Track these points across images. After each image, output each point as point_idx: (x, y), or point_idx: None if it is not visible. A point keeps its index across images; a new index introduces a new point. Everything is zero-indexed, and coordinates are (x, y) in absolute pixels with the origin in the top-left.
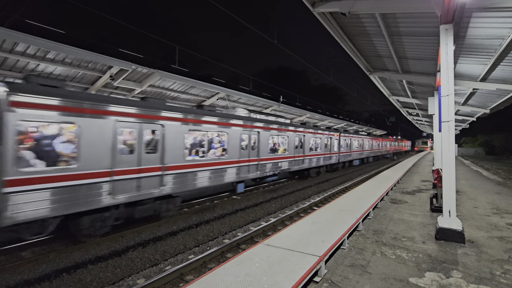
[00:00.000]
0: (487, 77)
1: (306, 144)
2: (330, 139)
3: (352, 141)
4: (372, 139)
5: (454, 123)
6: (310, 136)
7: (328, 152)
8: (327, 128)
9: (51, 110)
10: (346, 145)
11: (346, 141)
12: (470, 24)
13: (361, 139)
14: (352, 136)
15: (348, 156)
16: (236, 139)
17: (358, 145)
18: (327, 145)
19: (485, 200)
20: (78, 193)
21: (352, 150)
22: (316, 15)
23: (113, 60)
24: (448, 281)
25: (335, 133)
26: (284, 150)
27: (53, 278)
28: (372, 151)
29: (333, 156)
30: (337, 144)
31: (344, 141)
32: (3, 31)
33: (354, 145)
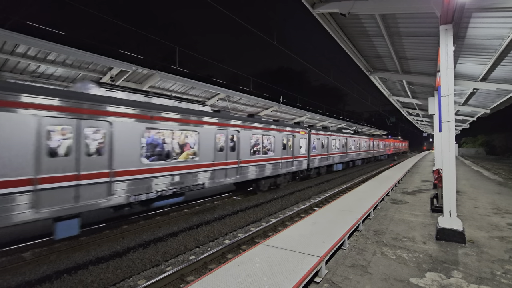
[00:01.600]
0: (487, 77)
1: (243, 144)
2: (293, 137)
3: (331, 141)
4: (361, 138)
5: (454, 123)
6: (251, 133)
7: (288, 156)
8: (291, 124)
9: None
10: (320, 146)
11: (322, 141)
12: (469, 24)
13: (345, 139)
14: (330, 134)
15: (324, 160)
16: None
17: (340, 146)
18: (286, 146)
19: (486, 200)
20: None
21: (331, 152)
22: (316, 16)
23: (113, 61)
24: (449, 281)
25: (301, 130)
26: (190, 156)
27: (54, 279)
28: (360, 152)
29: (298, 161)
30: (306, 145)
31: (318, 140)
32: (4, 33)
33: (335, 145)
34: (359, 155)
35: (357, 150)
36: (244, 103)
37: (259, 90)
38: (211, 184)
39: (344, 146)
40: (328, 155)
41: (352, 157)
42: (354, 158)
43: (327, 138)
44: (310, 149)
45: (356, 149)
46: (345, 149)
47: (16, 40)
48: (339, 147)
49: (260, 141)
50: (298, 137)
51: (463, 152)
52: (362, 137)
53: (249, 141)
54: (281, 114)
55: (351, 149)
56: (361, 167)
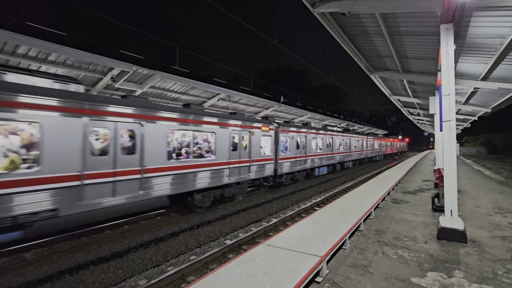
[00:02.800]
0: (488, 76)
1: (151, 145)
2: (249, 135)
3: (310, 140)
4: (351, 137)
5: (455, 123)
6: (166, 128)
7: (243, 159)
8: (247, 118)
9: None
10: (295, 146)
11: (297, 140)
12: (470, 23)
13: (330, 138)
14: (308, 132)
15: (300, 164)
16: None
17: (324, 146)
18: (238, 146)
19: (487, 200)
20: None
21: (311, 153)
22: (316, 16)
23: (114, 61)
24: (450, 281)
25: (262, 125)
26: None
27: (55, 279)
28: (350, 153)
29: (259, 166)
30: (272, 145)
31: (292, 139)
32: (5, 33)
33: (318, 145)
34: (348, 156)
35: (346, 151)
36: (244, 103)
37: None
38: (68, 211)
39: (330, 146)
40: (306, 158)
41: (340, 159)
42: (343, 159)
43: (305, 136)
44: (278, 150)
45: (345, 150)
46: (330, 150)
47: (17, 40)
48: (322, 147)
49: (190, 139)
50: (258, 135)
51: (464, 152)
52: (353, 136)
53: (165, 140)
54: (282, 114)
55: (339, 150)
56: (361, 167)
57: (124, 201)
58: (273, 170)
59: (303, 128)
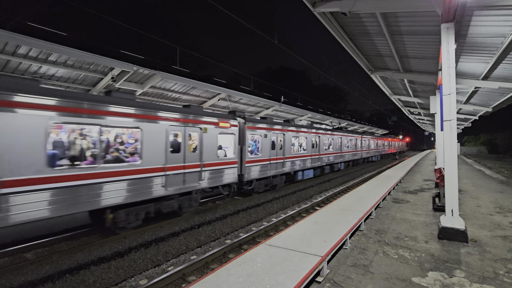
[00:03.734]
0: (489, 76)
1: (9, 147)
2: (200, 132)
3: (289, 139)
4: (343, 136)
5: (456, 122)
6: (45, 123)
7: (190, 163)
8: (195, 110)
9: None
10: (269, 147)
11: (273, 139)
12: (471, 22)
13: (316, 137)
14: (286, 130)
15: (277, 167)
16: None
17: (309, 146)
18: (179, 147)
19: (488, 199)
20: None
21: (291, 154)
22: (317, 15)
23: (114, 61)
24: (451, 281)
25: (221, 121)
26: None
27: (56, 279)
28: (342, 154)
29: (212, 171)
30: (235, 145)
31: (264, 138)
32: (5, 34)
33: (301, 145)
34: (340, 157)
35: (336, 151)
36: (245, 102)
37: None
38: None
39: (316, 146)
40: (285, 160)
41: (329, 160)
42: (333, 161)
43: (282, 135)
44: (244, 151)
45: (335, 150)
46: (316, 150)
47: (18, 41)
48: (307, 147)
49: (96, 138)
50: (213, 133)
51: (465, 151)
52: (345, 135)
53: (40, 139)
54: (283, 113)
55: (328, 150)
56: (360, 167)
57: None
58: (237, 176)
59: (278, 125)
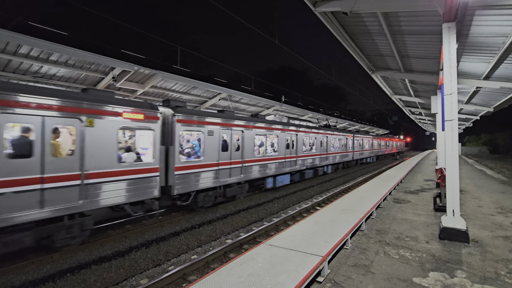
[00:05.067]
0: (491, 75)
1: None
2: (81, 126)
3: (251, 139)
4: (329, 135)
5: (457, 122)
6: None
7: (56, 174)
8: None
9: None
10: (217, 148)
11: (222, 137)
12: (473, 22)
13: (293, 135)
14: (244, 125)
15: (235, 173)
16: None
17: (282, 147)
18: (30, 150)
19: (490, 199)
20: None
21: (254, 158)
22: (318, 15)
23: (115, 61)
24: (453, 281)
25: (129, 111)
26: None
27: (57, 278)
28: (327, 156)
29: (115, 184)
30: (155, 144)
31: (210, 137)
32: (7, 33)
33: (264, 145)
34: (325, 159)
35: (321, 153)
36: (245, 102)
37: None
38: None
39: (293, 147)
40: (244, 164)
41: (311, 163)
42: (316, 164)
43: (241, 132)
44: (173, 153)
45: (319, 151)
46: (293, 151)
47: (19, 40)
48: (278, 148)
49: None
50: (109, 127)
51: (466, 151)
52: (333, 134)
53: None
54: (283, 113)
55: (310, 151)
56: (363, 166)
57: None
58: (158, 188)
59: (236, 120)
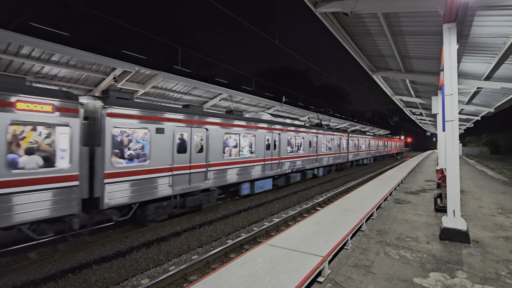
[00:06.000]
0: (492, 76)
1: None
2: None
3: (218, 138)
4: (312, 135)
5: (458, 122)
6: None
7: None
8: None
9: None
10: (170, 149)
11: (180, 137)
12: (473, 22)
13: (271, 134)
14: (208, 122)
15: (197, 179)
16: None
17: (258, 148)
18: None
19: (490, 200)
20: None
21: (221, 161)
22: (318, 15)
23: (116, 62)
24: (453, 281)
25: (19, 100)
26: None
27: (58, 278)
28: (316, 158)
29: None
30: (72, 145)
31: (160, 136)
32: (9, 34)
33: (237, 146)
34: (315, 161)
35: (310, 154)
36: (246, 103)
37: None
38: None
39: (275, 148)
40: (209, 169)
41: (296, 166)
42: (304, 167)
43: (205, 130)
44: (103, 157)
45: (307, 152)
46: (275, 153)
47: (21, 41)
48: (256, 149)
49: None
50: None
51: (467, 152)
52: (323, 133)
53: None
54: (284, 114)
55: (297, 153)
56: (364, 167)
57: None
58: (79, 201)
59: (195, 116)
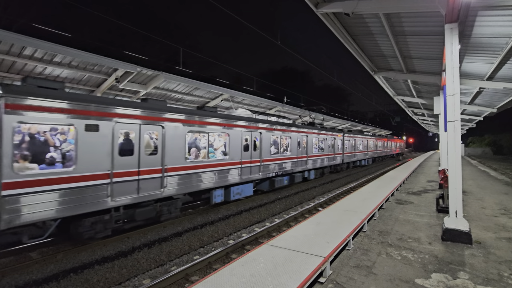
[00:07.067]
0: (494, 76)
1: None
2: None
3: (179, 137)
4: (309, 132)
5: (460, 123)
6: None
7: None
8: None
9: None
10: (107, 149)
11: (114, 135)
12: (475, 22)
13: (251, 133)
14: (160, 118)
15: (145, 187)
16: None
17: (234, 149)
18: None
19: (493, 201)
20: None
21: (182, 164)
22: (320, 16)
23: (118, 62)
24: (455, 282)
25: None
26: None
27: (60, 278)
28: (307, 159)
29: None
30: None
31: (89, 134)
32: (12, 35)
33: (203, 147)
34: (305, 163)
35: (298, 156)
36: (247, 103)
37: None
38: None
39: (253, 149)
40: (166, 174)
41: (284, 169)
42: (292, 169)
43: (161, 128)
44: (1, 163)
45: (295, 154)
46: (254, 155)
47: (23, 42)
48: (230, 151)
49: None
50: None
51: (470, 152)
52: (315, 132)
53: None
54: (285, 114)
55: (282, 154)
56: (366, 167)
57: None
58: None
59: (147, 111)
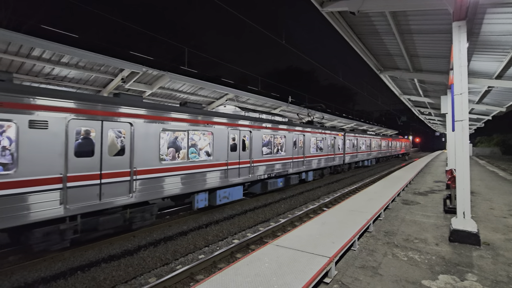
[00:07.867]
0: (503, 75)
1: None
2: None
3: (151, 135)
4: (305, 131)
5: (468, 122)
6: None
7: None
8: None
9: None
10: (59, 150)
11: (71, 132)
12: (484, 20)
13: (238, 132)
14: (130, 114)
15: (109, 193)
16: None
17: (215, 149)
18: None
19: (502, 202)
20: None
21: (154, 166)
22: (325, 15)
23: (124, 63)
24: (463, 284)
25: None
26: None
27: (68, 276)
28: (303, 160)
29: None
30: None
31: (34, 131)
32: (21, 36)
33: (183, 147)
34: (301, 164)
35: (294, 156)
36: (252, 103)
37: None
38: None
39: (242, 149)
40: (136, 178)
41: (277, 170)
42: (286, 171)
43: (129, 125)
44: None
45: (290, 154)
46: (243, 155)
47: (32, 43)
48: (214, 151)
49: None
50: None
51: (478, 152)
52: (312, 131)
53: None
54: (290, 114)
55: (276, 155)
56: (371, 167)
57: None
58: None
59: (113, 107)
